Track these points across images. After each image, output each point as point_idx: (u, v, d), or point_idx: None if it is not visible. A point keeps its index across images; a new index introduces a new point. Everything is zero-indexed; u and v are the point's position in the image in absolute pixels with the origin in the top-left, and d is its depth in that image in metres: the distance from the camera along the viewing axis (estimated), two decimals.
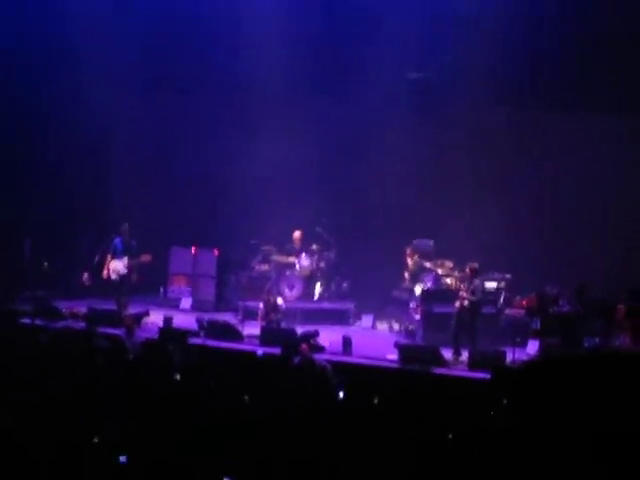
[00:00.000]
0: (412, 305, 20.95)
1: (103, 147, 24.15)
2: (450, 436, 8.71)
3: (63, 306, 21.06)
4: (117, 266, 20.95)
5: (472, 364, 17.33)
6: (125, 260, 20.93)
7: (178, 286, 23.89)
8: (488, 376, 14.81)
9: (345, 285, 23.09)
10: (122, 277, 20.98)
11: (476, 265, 19.04)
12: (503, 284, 20.88)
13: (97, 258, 21.12)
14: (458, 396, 12.58)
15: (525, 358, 17.32)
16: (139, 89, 23.79)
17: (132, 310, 20.50)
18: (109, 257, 21.05)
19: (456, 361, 18.11)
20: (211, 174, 24.27)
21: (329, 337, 19.37)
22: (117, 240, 21.11)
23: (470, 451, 7.32)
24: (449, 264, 21.43)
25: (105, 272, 21.02)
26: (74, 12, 22.83)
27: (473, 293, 18.76)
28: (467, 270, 19.32)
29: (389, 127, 23.03)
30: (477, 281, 18.98)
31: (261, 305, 20.64)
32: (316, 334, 19.08)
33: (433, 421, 10.10)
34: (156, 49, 23.71)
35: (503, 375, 13.96)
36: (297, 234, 23.06)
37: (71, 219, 24.22)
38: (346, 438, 9.17)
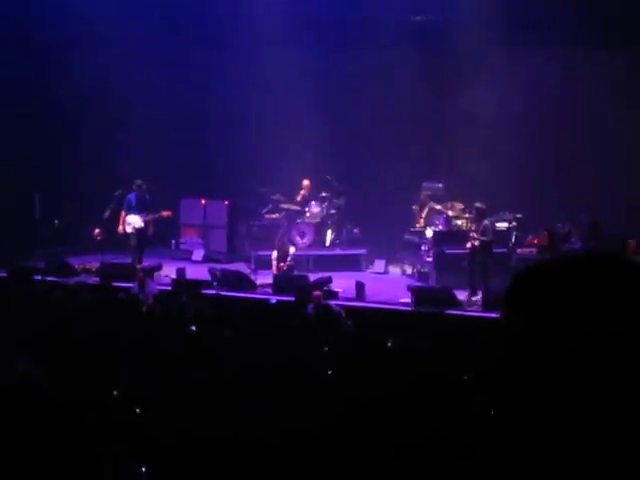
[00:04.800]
0: (424, 248, 20.96)
1: (108, 101, 24.04)
2: (465, 377, 8.76)
3: (75, 262, 21.14)
4: (133, 220, 20.92)
5: (486, 304, 17.36)
6: (144, 214, 20.91)
7: (190, 238, 23.92)
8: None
9: (356, 231, 23.09)
10: (138, 231, 20.97)
11: (482, 205, 19.04)
12: (514, 224, 20.88)
13: (107, 213, 21.14)
14: (473, 336, 12.60)
15: None
16: (144, 33, 23.62)
17: (145, 263, 20.54)
18: (123, 212, 21.04)
19: (471, 301, 18.13)
20: (215, 124, 24.26)
21: (342, 283, 19.42)
22: (131, 196, 21.06)
23: (487, 391, 7.35)
24: (459, 206, 21.40)
25: (121, 227, 20.99)
26: None
27: (483, 233, 18.74)
28: (474, 210, 19.39)
29: (393, 70, 22.93)
30: (487, 221, 18.96)
31: (274, 254, 20.70)
32: (329, 281, 19.14)
33: (449, 362, 10.15)
34: None
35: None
36: (306, 182, 23.06)
37: (78, 175, 24.21)
38: (364, 382, 9.21)
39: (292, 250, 21.02)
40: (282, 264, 20.56)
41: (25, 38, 22.95)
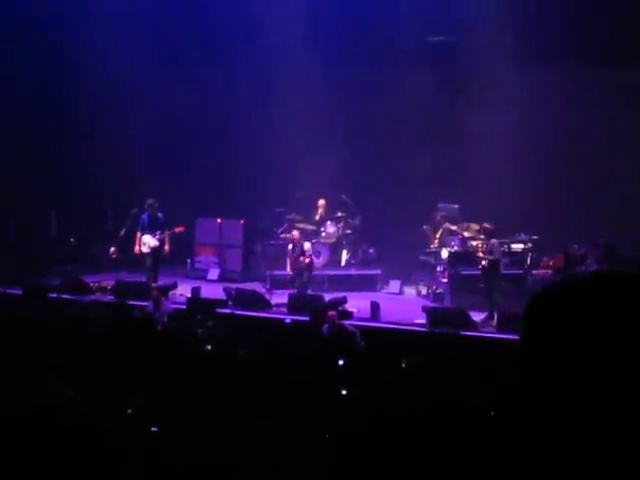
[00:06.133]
0: (439, 269, 20.92)
1: (124, 122, 24.14)
2: (479, 399, 8.73)
3: (90, 280, 21.18)
4: (148, 240, 20.93)
5: (500, 326, 17.26)
6: (157, 233, 20.91)
7: (205, 257, 23.93)
8: (517, 337, 14.74)
9: (372, 251, 23.08)
10: (154, 249, 20.98)
11: (490, 225, 19.06)
12: (530, 245, 20.81)
13: (122, 232, 21.17)
14: (487, 358, 12.57)
15: None
16: (158, 60, 23.82)
17: (160, 282, 20.56)
18: (138, 233, 21.06)
19: (486, 323, 18.00)
20: (232, 144, 24.31)
21: (357, 303, 19.38)
22: (144, 215, 21.09)
23: (499, 414, 7.33)
24: (475, 227, 21.32)
25: (137, 247, 21.00)
26: None
27: (490, 252, 18.73)
28: (481, 231, 19.41)
29: (409, 90, 22.93)
30: (494, 240, 18.92)
31: (290, 247, 20.74)
32: (344, 300, 19.11)
33: (463, 383, 10.12)
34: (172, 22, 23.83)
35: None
36: (322, 202, 23.06)
37: (94, 194, 24.31)
38: (378, 402, 9.19)
39: (307, 246, 20.95)
40: (302, 258, 20.53)
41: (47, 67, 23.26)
